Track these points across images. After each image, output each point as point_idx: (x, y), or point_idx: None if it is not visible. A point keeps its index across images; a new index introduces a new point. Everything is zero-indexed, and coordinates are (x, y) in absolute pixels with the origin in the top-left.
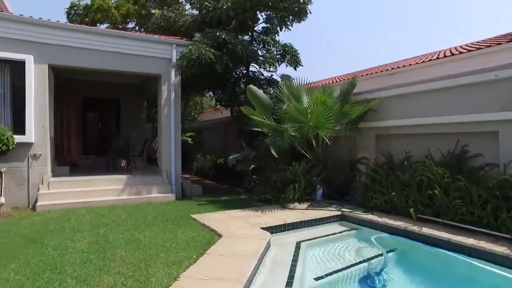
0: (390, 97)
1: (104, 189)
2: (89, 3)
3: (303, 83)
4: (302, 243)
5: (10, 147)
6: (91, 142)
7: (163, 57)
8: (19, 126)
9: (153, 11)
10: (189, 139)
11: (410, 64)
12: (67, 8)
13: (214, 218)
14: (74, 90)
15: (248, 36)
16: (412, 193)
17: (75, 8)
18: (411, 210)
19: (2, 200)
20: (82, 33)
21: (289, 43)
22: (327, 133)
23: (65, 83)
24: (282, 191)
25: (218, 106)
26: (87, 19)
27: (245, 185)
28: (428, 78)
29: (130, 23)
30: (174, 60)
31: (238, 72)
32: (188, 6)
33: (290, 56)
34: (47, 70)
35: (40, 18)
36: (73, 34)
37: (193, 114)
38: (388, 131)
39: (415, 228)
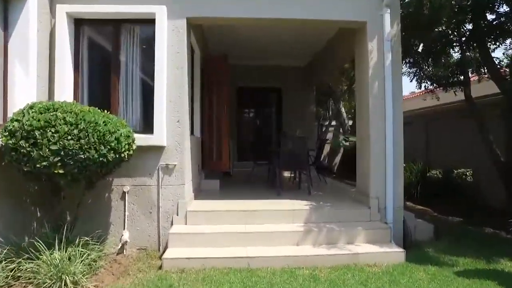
0: None
1: (271, 231)
2: None
3: None
4: None
5: (125, 154)
6: (246, 144)
7: None
8: (144, 121)
9: None
10: None
11: None
12: None
13: None
14: (226, 77)
15: None
16: None
17: None
18: None
19: (126, 236)
20: None
21: None
22: None
23: (215, 67)
24: None
25: (431, 87)
26: None
27: None
28: None
29: None
30: None
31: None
32: None
33: None
34: (186, 30)
35: None
36: None
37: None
38: None
39: None
